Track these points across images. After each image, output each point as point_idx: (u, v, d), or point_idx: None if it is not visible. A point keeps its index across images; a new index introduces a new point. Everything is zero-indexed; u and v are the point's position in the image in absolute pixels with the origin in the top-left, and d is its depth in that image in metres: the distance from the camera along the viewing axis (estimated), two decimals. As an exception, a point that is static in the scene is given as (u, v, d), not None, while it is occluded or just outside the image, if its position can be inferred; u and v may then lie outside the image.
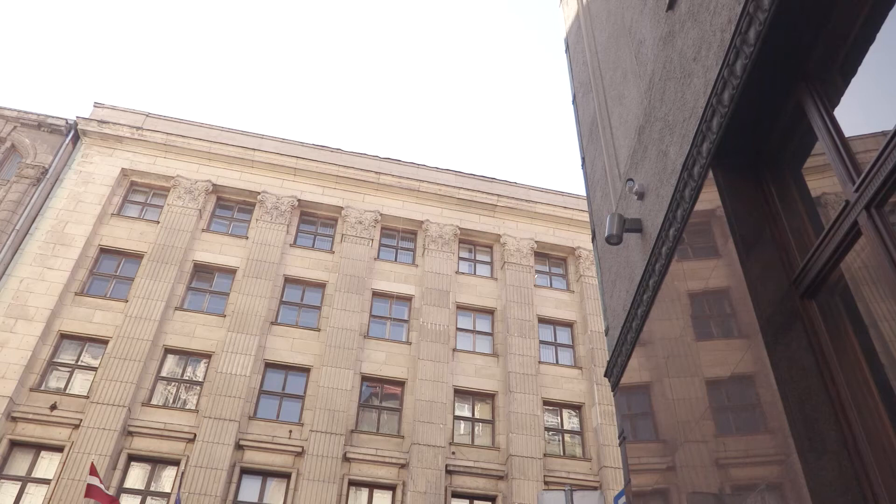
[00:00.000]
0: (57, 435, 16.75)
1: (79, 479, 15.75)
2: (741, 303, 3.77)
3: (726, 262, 4.02)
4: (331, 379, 19.03)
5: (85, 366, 18.23)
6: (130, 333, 18.39)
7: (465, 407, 20.32)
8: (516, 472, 18.55)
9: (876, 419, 2.78)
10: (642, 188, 5.66)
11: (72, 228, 19.94)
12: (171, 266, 19.99)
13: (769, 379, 3.36)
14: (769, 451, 3.44)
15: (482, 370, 20.82)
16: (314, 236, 22.92)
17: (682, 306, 4.92)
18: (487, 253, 24.15)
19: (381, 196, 23.68)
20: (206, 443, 17.11)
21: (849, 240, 2.96)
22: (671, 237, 4.90)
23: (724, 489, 4.09)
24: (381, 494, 18.03)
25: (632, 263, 6.17)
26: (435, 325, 21.01)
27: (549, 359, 21.83)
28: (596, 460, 19.63)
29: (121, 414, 17.01)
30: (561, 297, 23.36)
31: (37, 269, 18.88)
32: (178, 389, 18.56)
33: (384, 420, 19.41)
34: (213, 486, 16.55)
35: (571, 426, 20.70)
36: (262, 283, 20.42)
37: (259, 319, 19.60)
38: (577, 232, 24.38)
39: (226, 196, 22.76)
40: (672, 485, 5.13)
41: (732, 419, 4.08)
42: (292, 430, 18.17)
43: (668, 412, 5.22)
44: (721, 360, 4.16)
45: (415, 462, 18.12)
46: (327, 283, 21.41)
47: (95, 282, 19.89)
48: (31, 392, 17.20)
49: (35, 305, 18.18)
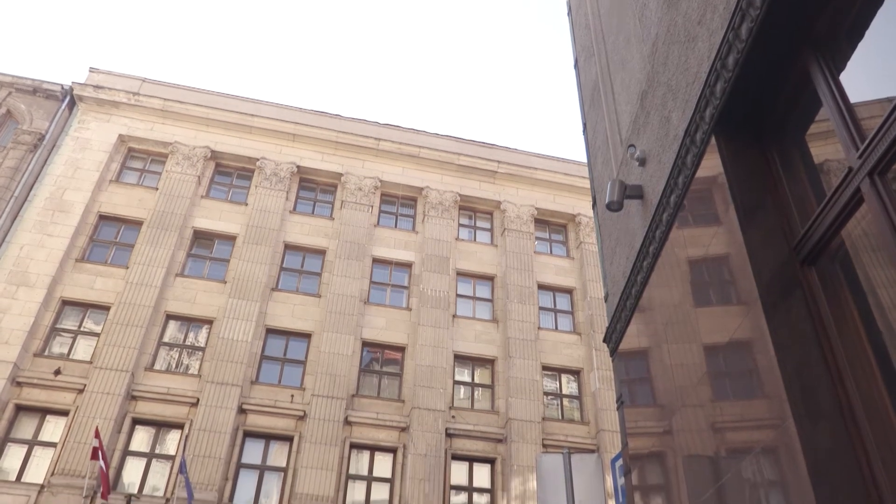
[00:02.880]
0: (62, 399, 16.95)
1: (84, 443, 15.99)
2: (741, 270, 3.78)
3: (727, 229, 4.01)
4: (332, 344, 19.18)
5: (87, 332, 18.36)
6: (132, 300, 18.47)
7: (465, 372, 20.52)
8: (515, 436, 18.82)
9: (872, 386, 2.81)
10: (644, 154, 5.62)
11: (70, 195, 19.89)
12: (170, 233, 19.99)
13: (767, 345, 3.38)
14: (765, 416, 3.48)
15: (482, 336, 20.97)
16: (314, 203, 22.87)
17: (681, 273, 4.92)
18: (487, 219, 24.13)
19: (380, 162, 23.55)
20: (209, 407, 17.32)
21: (851, 207, 2.95)
22: (672, 204, 4.88)
23: (719, 452, 4.15)
24: (381, 457, 18.32)
25: (632, 230, 6.16)
26: (435, 292, 21.09)
27: (549, 325, 21.97)
28: (594, 424, 19.89)
29: (124, 379, 17.19)
30: (561, 263, 23.41)
31: (36, 235, 18.88)
32: (181, 355, 18.72)
33: (385, 384, 19.62)
34: (216, 448, 16.81)
35: (570, 391, 20.93)
36: (262, 250, 20.45)
37: (259, 286, 19.68)
38: (577, 199, 24.31)
39: (224, 162, 22.64)
40: (668, 448, 5.21)
41: (729, 384, 4.11)
42: (294, 395, 18.38)
43: (666, 377, 5.27)
44: (719, 327, 4.18)
45: (415, 425, 18.37)
46: (327, 249, 21.44)
47: (95, 248, 19.91)
48: (35, 357, 17.36)
49: (36, 272, 18.23)
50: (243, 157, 22.56)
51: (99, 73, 22.76)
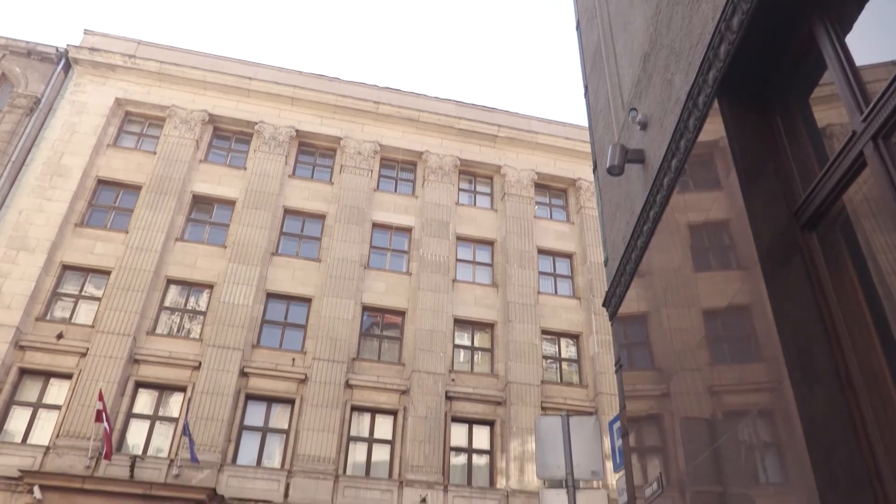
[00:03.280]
0: (65, 363, 17.11)
1: (88, 405, 16.19)
2: (741, 234, 3.77)
3: (728, 193, 3.99)
4: (332, 309, 19.28)
5: (89, 296, 18.44)
6: (132, 264, 18.51)
7: (465, 336, 20.67)
8: (514, 399, 19.04)
9: (870, 350, 2.82)
10: (645, 118, 5.56)
11: (68, 159, 19.77)
12: (169, 197, 19.93)
13: (765, 309, 3.40)
14: (762, 379, 3.51)
15: (482, 300, 21.07)
16: (313, 167, 22.75)
17: (681, 238, 4.92)
18: (487, 184, 24.03)
19: (380, 126, 23.36)
20: (211, 370, 17.50)
21: (853, 171, 2.93)
22: (673, 168, 4.85)
23: (716, 415, 4.20)
24: (382, 419, 18.57)
25: (633, 195, 6.14)
26: (435, 256, 21.13)
27: (548, 289, 22.05)
28: (592, 387, 20.12)
29: (126, 343, 17.32)
30: (561, 228, 23.40)
31: (35, 200, 18.83)
32: (182, 319, 18.84)
33: (385, 348, 19.79)
34: (219, 411, 17.03)
35: (569, 355, 21.12)
36: (262, 214, 20.41)
37: (259, 250, 19.70)
38: (578, 163, 24.17)
39: (222, 126, 22.45)
40: (666, 411, 5.27)
41: (727, 348, 4.15)
42: (295, 359, 18.55)
43: (665, 341, 5.31)
44: (718, 291, 4.20)
45: (415, 389, 18.57)
46: (327, 214, 21.40)
47: (95, 213, 19.88)
48: (37, 321, 17.47)
49: (36, 237, 18.23)
50: (241, 121, 22.36)
51: (94, 36, 22.42)
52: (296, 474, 16.83)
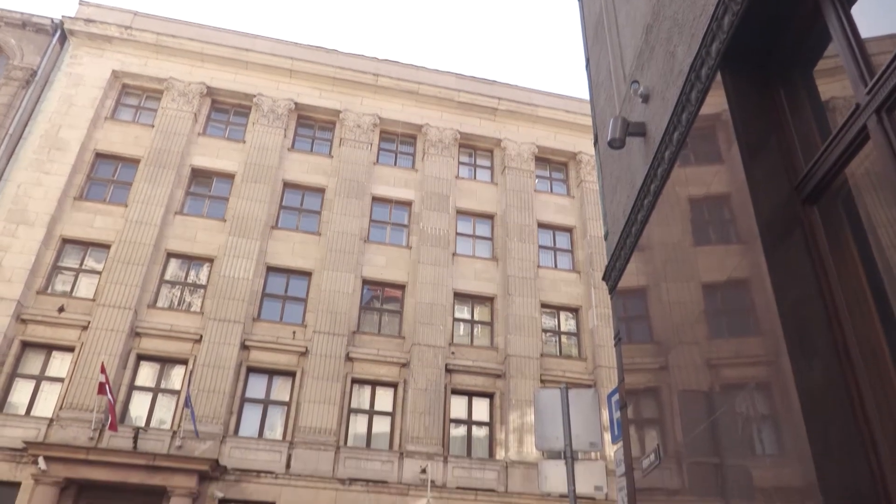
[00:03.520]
0: (66, 336, 17.20)
1: (91, 378, 16.32)
2: (742, 208, 3.77)
3: (729, 167, 3.98)
4: (332, 282, 19.34)
5: (89, 270, 18.47)
6: (132, 238, 18.51)
7: (465, 309, 20.76)
8: (514, 371, 19.19)
9: (868, 323, 2.83)
10: (647, 90, 5.52)
11: (65, 132, 19.66)
12: (168, 170, 19.86)
13: (765, 283, 3.40)
14: (760, 353, 3.53)
15: (482, 274, 21.11)
16: (312, 140, 22.63)
17: (682, 212, 4.91)
18: (488, 157, 23.92)
19: (379, 99, 23.17)
20: (212, 343, 17.60)
21: (856, 144, 2.91)
22: (675, 141, 4.83)
23: (714, 388, 4.24)
24: (383, 391, 18.73)
25: (633, 168, 6.12)
26: (435, 230, 21.12)
27: (548, 263, 22.08)
28: (591, 360, 20.26)
29: (127, 316, 17.40)
30: (561, 202, 23.35)
31: (33, 173, 18.77)
32: (183, 292, 18.89)
33: (385, 322, 19.88)
34: (221, 383, 17.17)
35: (568, 328, 21.22)
36: (261, 188, 20.36)
37: (259, 224, 19.69)
38: (578, 136, 24.04)
39: (221, 99, 22.27)
40: (664, 384, 5.31)
41: (726, 322, 4.16)
42: (296, 332, 18.64)
43: (664, 315, 5.33)
44: (718, 265, 4.20)
45: (415, 361, 18.70)
46: (326, 187, 21.34)
47: (93, 186, 19.82)
48: (38, 295, 17.53)
49: (35, 210, 18.20)
50: (240, 94, 22.18)
51: (89, 6, 22.13)
52: (297, 445, 17.02)
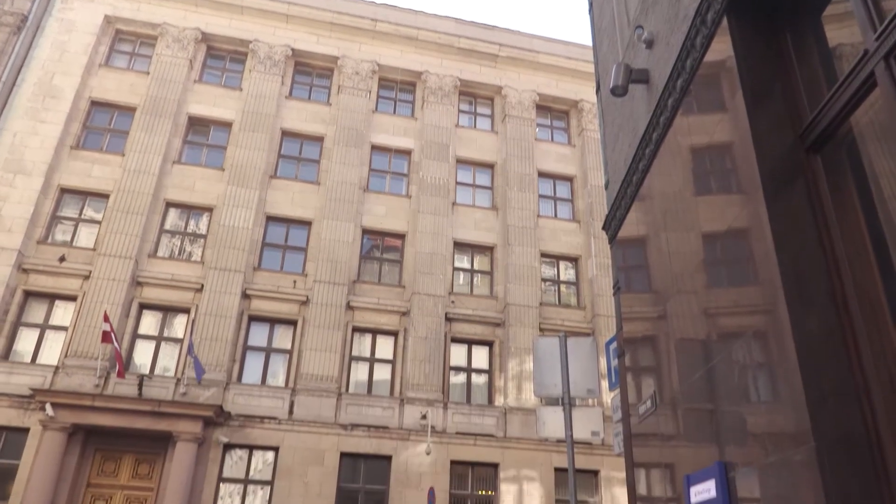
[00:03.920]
0: (68, 285, 17.30)
1: (94, 327, 16.49)
2: (744, 157, 3.73)
3: (732, 115, 3.93)
4: (332, 231, 19.34)
5: (88, 219, 18.45)
6: (130, 187, 18.43)
7: (465, 259, 20.82)
8: (513, 320, 19.37)
9: (867, 273, 2.84)
10: (651, 36, 5.41)
11: (60, 80, 19.35)
12: (165, 119, 19.63)
13: (765, 233, 3.40)
14: (758, 302, 3.55)
15: (481, 223, 21.11)
16: (310, 88, 22.28)
17: (683, 161, 4.87)
18: (488, 105, 23.62)
19: (377, 45, 22.73)
20: (213, 292, 17.72)
21: (863, 91, 2.87)
22: (678, 88, 4.75)
23: (711, 337, 4.28)
24: (383, 339, 18.95)
25: (636, 116, 6.04)
26: (435, 179, 21.01)
27: (548, 212, 22.05)
28: (590, 309, 20.43)
29: (128, 265, 17.47)
30: (562, 150, 23.16)
31: (29, 122, 18.55)
32: (183, 242, 18.92)
33: (385, 271, 19.97)
34: (223, 331, 17.36)
35: (568, 277, 21.33)
36: (260, 137, 20.16)
37: (258, 173, 19.57)
38: (580, 84, 23.67)
39: (216, 45, 21.84)
40: (662, 332, 5.37)
41: (725, 272, 4.18)
42: (296, 281, 18.75)
43: (663, 265, 5.35)
44: (719, 215, 4.19)
45: (415, 310, 18.87)
46: (325, 136, 21.13)
47: (90, 135, 19.62)
48: (39, 245, 17.55)
49: (32, 160, 18.07)
50: (235, 40, 21.73)
51: (78, -53, 21.45)
52: (300, 392, 17.32)
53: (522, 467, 17.70)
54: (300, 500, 16.17)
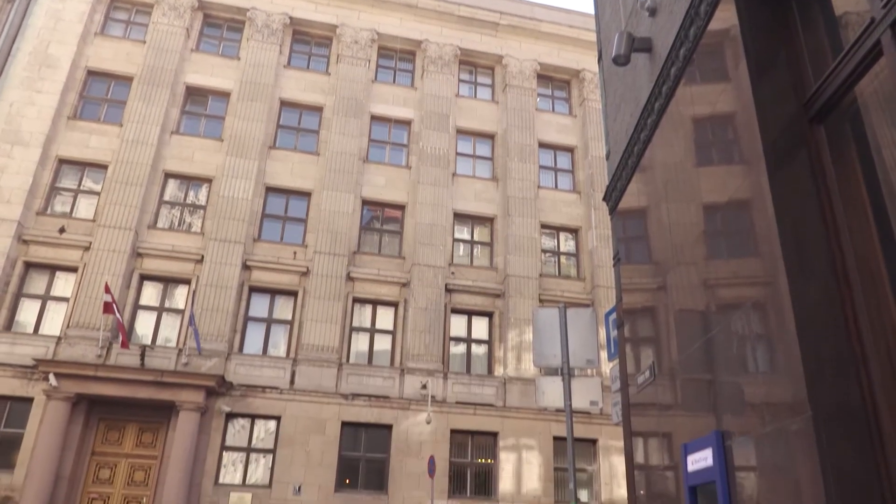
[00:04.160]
0: (69, 256, 17.32)
1: (95, 297, 16.55)
2: (747, 128, 3.70)
3: (736, 85, 3.88)
4: (332, 202, 19.30)
5: (87, 190, 18.39)
6: (129, 158, 18.34)
7: (465, 230, 20.81)
8: (513, 291, 19.43)
9: (868, 244, 2.84)
10: (655, 4, 5.33)
11: (55, 49, 19.12)
12: (162, 89, 19.44)
13: (766, 204, 3.39)
14: (758, 273, 3.56)
15: (482, 194, 21.04)
16: (308, 57, 22.03)
17: (685, 131, 4.84)
18: (489, 75, 23.37)
19: (376, 13, 22.41)
20: (214, 263, 17.74)
21: (868, 60, 2.83)
22: (681, 57, 4.70)
23: (710, 308, 4.29)
24: (383, 310, 19.02)
25: (638, 86, 5.98)
26: (435, 150, 20.89)
27: (549, 183, 21.97)
28: (589, 280, 20.47)
29: (128, 237, 17.46)
30: (563, 121, 22.98)
31: (25, 92, 18.39)
32: (183, 213, 18.89)
33: (385, 242, 19.97)
34: (224, 302, 17.42)
35: (568, 248, 21.34)
36: (258, 107, 20.00)
37: (257, 143, 19.45)
38: (582, 53, 23.40)
39: (213, 13, 21.53)
40: (661, 303, 5.38)
41: (725, 243, 4.17)
42: (296, 252, 18.76)
43: (663, 236, 5.34)
44: (720, 186, 4.17)
45: (416, 281, 18.91)
46: (324, 106, 20.95)
47: (87, 106, 19.46)
48: (38, 216, 17.53)
49: (29, 130, 17.95)
50: (232, 8, 21.42)
51: (71, -88, 21.02)
52: (301, 362, 17.44)
53: (521, 436, 17.91)
54: (302, 468, 16.39)
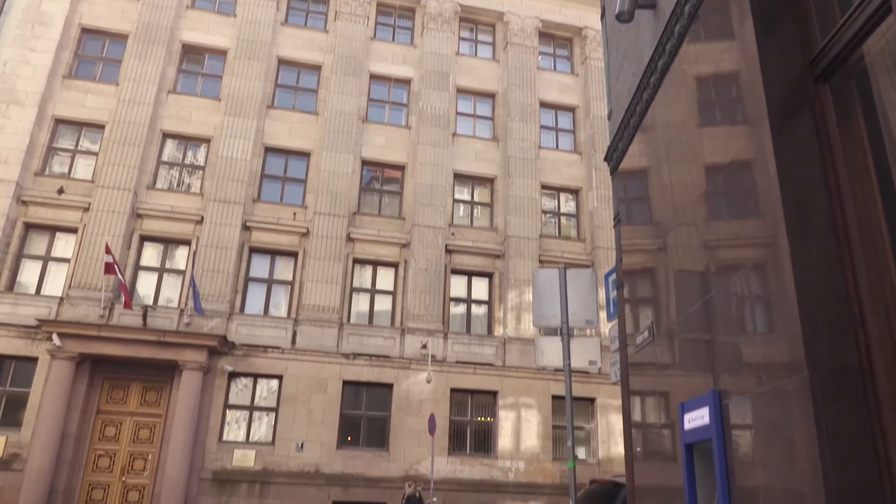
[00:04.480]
0: (69, 217, 17.30)
1: (96, 258, 16.58)
2: (751, 87, 3.65)
3: (741, 43, 3.82)
4: (331, 163, 19.19)
5: (85, 151, 18.27)
6: (126, 118, 18.17)
7: (465, 190, 20.74)
8: (513, 252, 19.46)
9: (870, 204, 2.82)
10: (659, -41, 5.20)
11: (48, 6, 18.78)
12: (158, 47, 19.15)
13: (768, 164, 3.36)
14: (759, 234, 3.55)
15: (482, 154, 20.91)
16: (306, 14, 21.64)
17: (688, 91, 4.77)
18: (489, 33, 22.99)
19: (375, -32, 21.92)
20: (213, 224, 17.74)
21: (877, 17, 2.76)
22: (686, 14, 4.61)
23: (710, 269, 4.30)
24: (384, 271, 19.09)
25: (641, 43, 5.88)
26: (435, 109, 20.68)
27: (550, 144, 21.81)
28: (590, 241, 20.48)
29: (127, 197, 17.41)
30: (564, 80, 22.70)
31: (19, 51, 18.11)
32: (181, 174, 18.80)
33: (385, 203, 19.92)
34: (224, 263, 17.47)
35: (568, 209, 21.30)
36: (256, 65, 19.72)
37: (255, 103, 19.25)
38: (585, 10, 22.97)
39: (208, -32, 21.06)
40: (661, 264, 5.39)
41: (726, 204, 4.15)
42: (296, 213, 18.73)
43: (664, 197, 5.32)
44: (722, 147, 4.13)
45: (416, 242, 18.93)
46: (323, 64, 20.66)
47: (82, 64, 19.19)
48: (37, 177, 17.45)
49: (24, 90, 17.74)
50: (227, -38, 20.96)
51: None
52: (302, 322, 17.57)
53: (521, 395, 18.15)
54: (304, 426, 16.65)
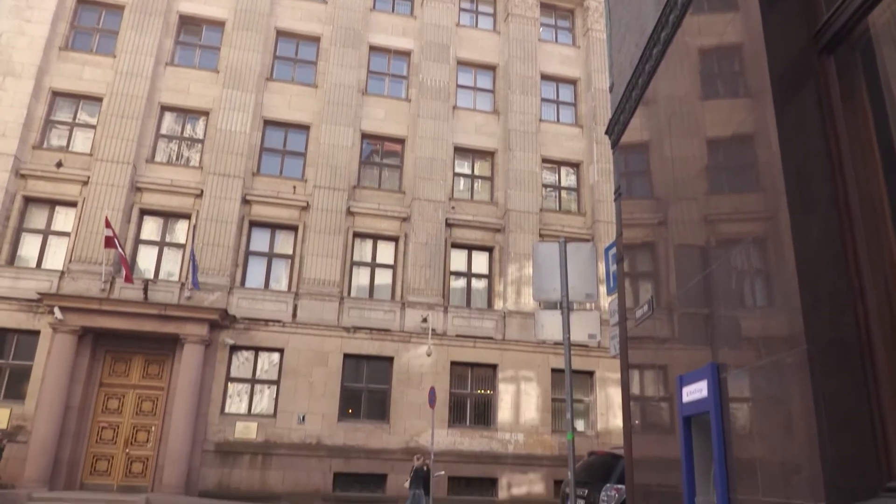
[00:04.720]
0: (68, 191, 17.24)
1: (96, 232, 16.57)
2: (754, 59, 3.61)
3: (744, 14, 3.77)
4: (331, 136, 19.08)
5: (83, 124, 18.15)
6: (123, 90, 18.01)
7: (465, 164, 20.64)
8: (513, 226, 19.44)
9: (872, 177, 2.81)
10: (663, -73, 5.11)
11: (43, -25, 18.48)
12: (155, 17, 18.90)
13: (770, 138, 3.34)
14: (760, 208, 3.54)
15: (482, 128, 20.77)
16: (304, -16, 21.29)
17: (691, 63, 4.73)
18: (490, 4, 22.69)
19: (374, -63, 21.55)
20: (213, 198, 17.69)
21: (883, -11, 2.74)
22: (689, -15, 4.54)
23: (710, 243, 4.30)
24: (384, 244, 19.09)
25: (644, 15, 5.81)
26: (435, 82, 20.50)
27: (550, 117, 21.65)
28: (590, 215, 20.45)
29: (126, 171, 17.34)
30: (566, 52, 22.45)
31: (14, 21, 17.89)
32: (180, 147, 18.70)
33: (385, 176, 19.84)
34: (224, 237, 17.46)
35: (569, 183, 21.23)
36: (254, 37, 19.49)
37: (254, 75, 19.07)
38: (587, -21, 22.64)
39: (204, -64, 20.68)
40: (661, 238, 5.39)
41: (727, 178, 4.14)
42: (296, 186, 18.67)
43: (665, 171, 5.30)
44: (724, 120, 4.11)
45: (416, 216, 18.90)
46: (322, 36, 20.42)
47: (79, 36, 18.97)
48: (35, 150, 17.35)
49: (20, 61, 17.56)
50: (224, -69, 20.57)
51: None
52: (302, 296, 17.62)
53: (520, 368, 18.27)
54: (306, 398, 16.79)
